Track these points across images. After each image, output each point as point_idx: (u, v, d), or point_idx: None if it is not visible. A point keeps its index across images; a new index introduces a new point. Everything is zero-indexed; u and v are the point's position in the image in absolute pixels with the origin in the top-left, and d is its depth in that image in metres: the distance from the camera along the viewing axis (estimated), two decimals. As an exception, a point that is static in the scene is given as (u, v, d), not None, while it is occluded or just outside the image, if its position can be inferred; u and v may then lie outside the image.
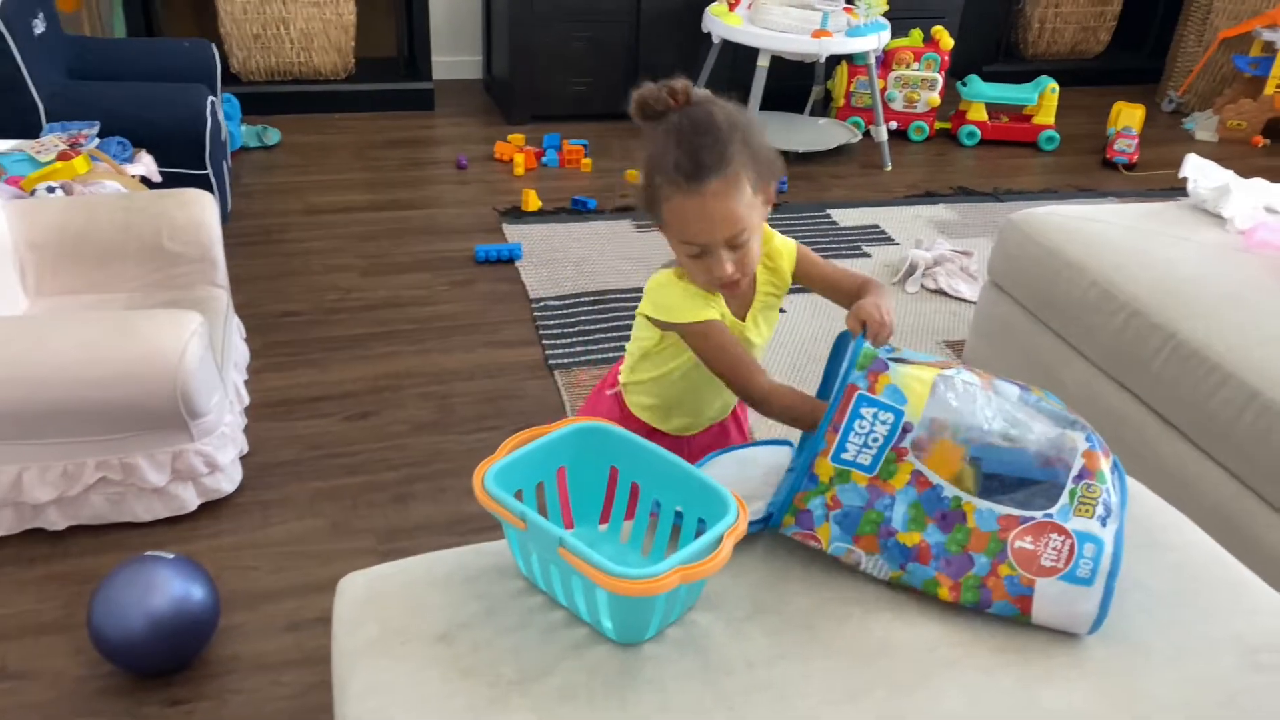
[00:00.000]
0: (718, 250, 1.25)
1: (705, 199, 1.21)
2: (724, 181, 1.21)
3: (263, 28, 3.82)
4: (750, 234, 1.26)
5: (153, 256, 2.15)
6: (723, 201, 1.22)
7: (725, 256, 1.25)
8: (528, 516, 1.03)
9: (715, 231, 1.24)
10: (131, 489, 1.90)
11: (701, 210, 1.22)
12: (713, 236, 1.24)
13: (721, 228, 1.23)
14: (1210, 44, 4.53)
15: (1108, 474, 1.11)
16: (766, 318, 1.42)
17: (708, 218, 1.23)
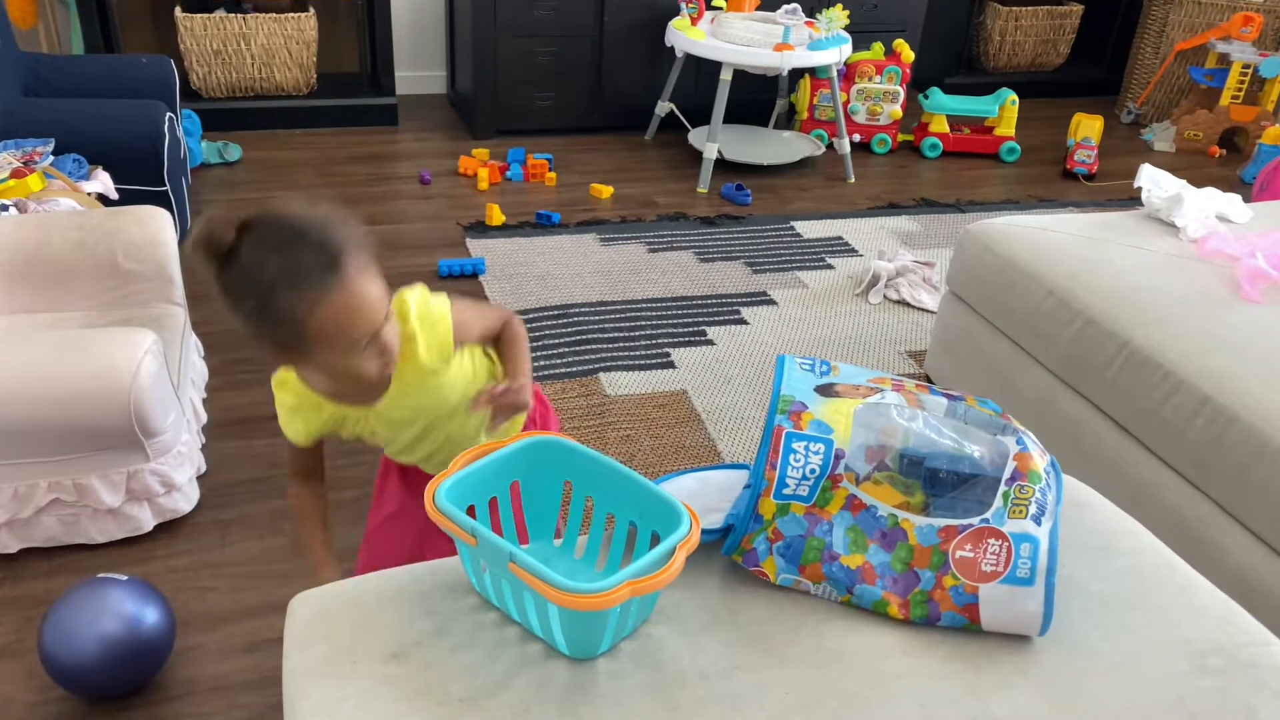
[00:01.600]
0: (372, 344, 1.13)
1: (355, 283, 1.08)
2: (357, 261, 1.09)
3: (223, 44, 3.80)
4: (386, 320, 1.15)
5: (108, 275, 2.13)
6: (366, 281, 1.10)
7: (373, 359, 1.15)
8: (478, 532, 1.02)
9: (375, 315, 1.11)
10: (85, 510, 1.87)
11: (358, 297, 1.09)
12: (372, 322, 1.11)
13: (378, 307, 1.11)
14: (1166, 56, 4.61)
15: (1042, 473, 1.12)
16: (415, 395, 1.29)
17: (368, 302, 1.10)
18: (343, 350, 1.13)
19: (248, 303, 1.09)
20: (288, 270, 1.06)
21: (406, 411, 1.32)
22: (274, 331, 1.11)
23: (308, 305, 1.07)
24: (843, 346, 2.76)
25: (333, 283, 1.07)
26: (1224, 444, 1.66)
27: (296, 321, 1.08)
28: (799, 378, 1.18)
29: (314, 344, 1.11)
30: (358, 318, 1.10)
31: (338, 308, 1.08)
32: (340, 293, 1.08)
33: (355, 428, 1.33)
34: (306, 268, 1.06)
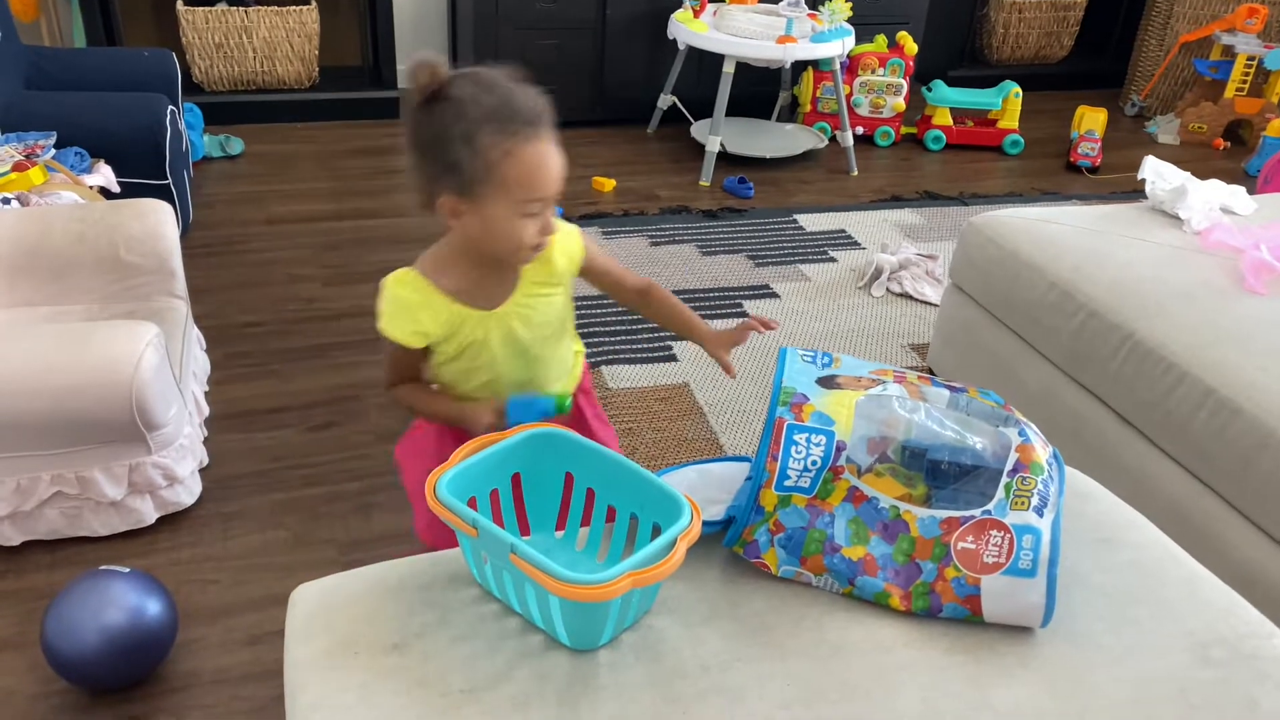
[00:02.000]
0: (550, 207, 1.21)
1: (548, 144, 1.17)
2: (551, 128, 1.18)
3: (225, 37, 3.79)
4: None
5: (110, 268, 2.12)
6: (556, 148, 1.19)
7: (551, 214, 1.23)
8: (479, 523, 1.02)
9: (556, 180, 1.19)
10: (88, 503, 1.87)
11: (549, 156, 1.17)
12: (558, 185, 1.20)
13: (561, 175, 1.20)
14: (1171, 48, 4.59)
15: (1044, 464, 1.12)
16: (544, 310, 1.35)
17: (555, 164, 1.19)
18: (519, 202, 1.18)
19: (454, 130, 1.15)
20: (501, 110, 1.14)
21: (519, 325, 1.33)
22: (470, 163, 1.15)
23: (510, 144, 1.14)
24: (845, 339, 2.76)
25: (536, 133, 1.15)
26: (1227, 436, 1.65)
27: (495, 158, 1.14)
28: (800, 370, 1.18)
29: (499, 186, 1.16)
30: (545, 174, 1.17)
31: (534, 156, 1.15)
32: (540, 144, 1.15)
33: (469, 335, 1.31)
34: (518, 111, 1.14)
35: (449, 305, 1.29)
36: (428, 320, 1.29)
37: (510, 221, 1.20)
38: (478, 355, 1.34)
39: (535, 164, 1.17)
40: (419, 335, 1.30)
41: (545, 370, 1.41)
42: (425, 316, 1.29)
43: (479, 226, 1.22)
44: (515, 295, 1.32)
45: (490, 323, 1.31)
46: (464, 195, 1.19)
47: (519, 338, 1.34)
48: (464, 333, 1.31)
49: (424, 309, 1.29)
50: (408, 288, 1.29)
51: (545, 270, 1.33)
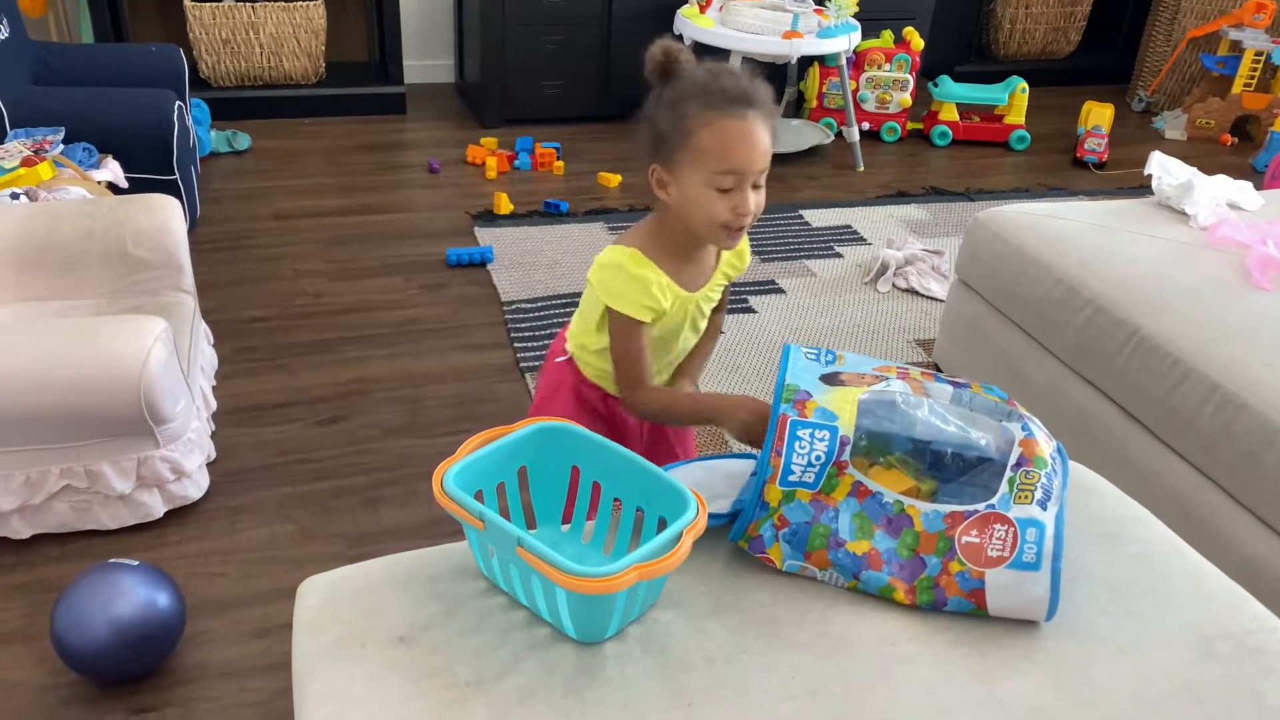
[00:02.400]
0: (747, 185, 1.26)
1: (751, 123, 1.23)
2: (763, 114, 1.25)
3: (232, 33, 3.80)
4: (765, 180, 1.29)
5: (118, 262, 2.13)
6: (764, 131, 1.25)
7: (751, 194, 1.27)
8: (486, 516, 1.03)
9: (756, 158, 1.25)
10: (97, 496, 1.88)
11: (747, 134, 1.23)
12: (753, 163, 1.25)
13: (761, 156, 1.25)
14: (1178, 44, 4.58)
15: (1048, 459, 1.13)
16: (716, 296, 1.45)
17: (753, 143, 1.24)
18: (712, 174, 1.24)
19: (667, 96, 1.27)
20: (710, 85, 1.24)
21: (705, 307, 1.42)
22: (674, 131, 1.25)
23: (710, 116, 1.23)
24: (851, 335, 2.76)
25: (739, 111, 1.23)
26: (1233, 431, 1.65)
27: (695, 128, 1.24)
28: (804, 367, 1.18)
29: (695, 155, 1.24)
30: (739, 149, 1.23)
31: (731, 129, 1.23)
32: (739, 120, 1.23)
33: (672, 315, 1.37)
34: (725, 89, 1.24)
35: (671, 285, 1.36)
36: (661, 297, 1.34)
37: (703, 192, 1.26)
38: (669, 333, 1.40)
39: (730, 137, 1.23)
40: (654, 312, 1.34)
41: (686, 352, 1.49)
42: (659, 294, 1.34)
43: (679, 197, 1.29)
44: (710, 282, 1.41)
45: (690, 305, 1.39)
46: (667, 164, 1.28)
47: (698, 324, 1.43)
48: (673, 312, 1.38)
49: (658, 287, 1.34)
50: (639, 265, 1.33)
51: (738, 263, 1.43)
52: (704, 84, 1.25)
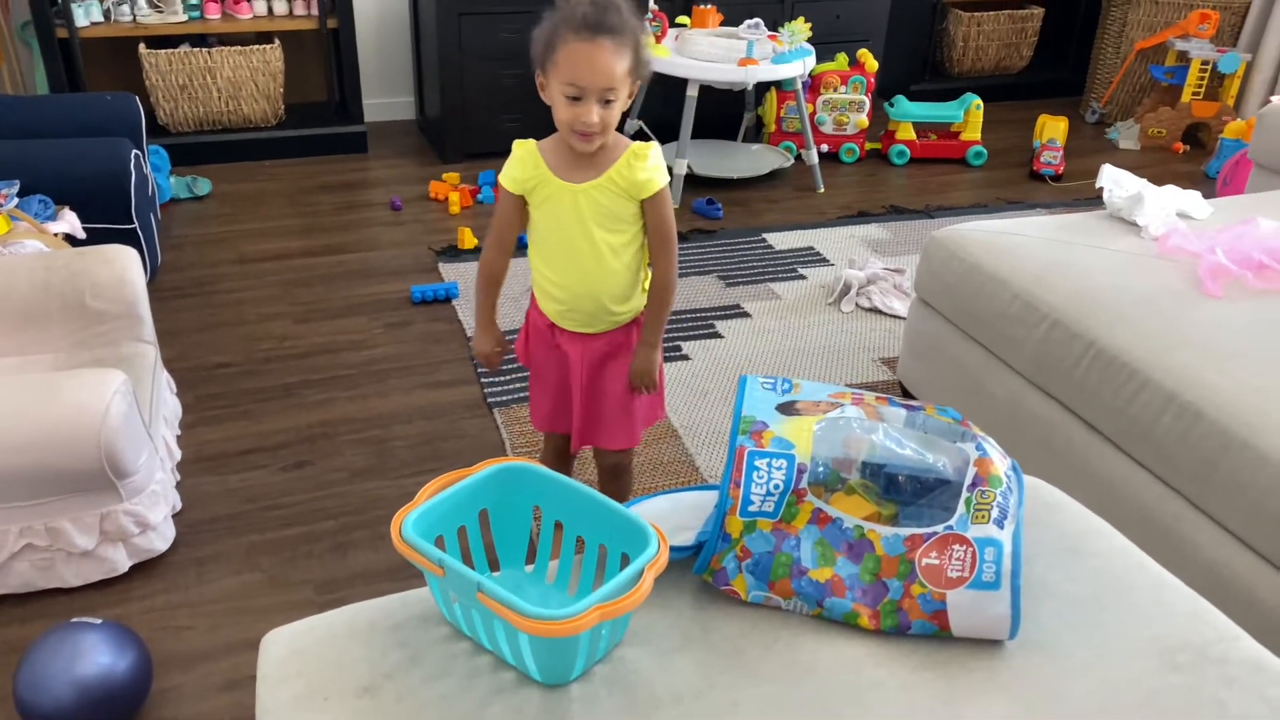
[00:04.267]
0: (591, 99, 1.51)
1: (597, 48, 1.49)
2: (615, 42, 1.50)
3: (189, 78, 3.79)
4: (616, 98, 1.54)
5: (76, 315, 2.12)
6: (609, 56, 1.50)
7: (594, 108, 1.52)
8: (445, 563, 1.02)
9: (596, 78, 1.50)
10: (59, 554, 1.86)
11: (592, 56, 1.49)
12: (593, 81, 1.50)
13: (602, 77, 1.50)
14: (1127, 56, 4.66)
15: (1002, 477, 1.14)
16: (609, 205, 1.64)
17: (595, 64, 1.50)
18: (563, 84, 1.52)
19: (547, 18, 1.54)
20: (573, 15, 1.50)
21: (587, 203, 1.63)
22: (545, 44, 1.54)
23: (568, 37, 1.50)
24: (817, 356, 2.78)
25: (590, 37, 1.49)
26: (1190, 440, 1.67)
27: (556, 45, 1.51)
28: (760, 397, 1.19)
29: (554, 67, 1.52)
30: (582, 67, 1.50)
31: (579, 51, 1.50)
32: (587, 45, 1.49)
33: (548, 194, 1.64)
34: (584, 18, 1.49)
35: (541, 165, 1.64)
36: (523, 171, 1.65)
37: (559, 99, 1.54)
38: (556, 214, 1.65)
39: (576, 57, 1.50)
40: (514, 180, 1.65)
41: (606, 279, 1.69)
42: (522, 167, 1.65)
43: (549, 101, 1.57)
44: (595, 182, 1.63)
45: (565, 193, 1.63)
46: (543, 72, 1.57)
47: (584, 214, 1.63)
48: (545, 193, 1.64)
49: (524, 162, 1.65)
50: (521, 146, 1.66)
51: (626, 178, 1.63)
52: (569, 10, 1.51)
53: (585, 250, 1.66)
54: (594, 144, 1.58)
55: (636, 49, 1.54)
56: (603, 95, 1.52)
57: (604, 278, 1.68)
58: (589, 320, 1.72)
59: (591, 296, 1.69)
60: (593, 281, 1.68)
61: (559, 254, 1.68)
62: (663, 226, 1.68)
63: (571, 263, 1.67)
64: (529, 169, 1.64)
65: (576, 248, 1.66)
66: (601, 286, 1.69)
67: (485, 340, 1.80)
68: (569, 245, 1.66)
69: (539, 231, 1.69)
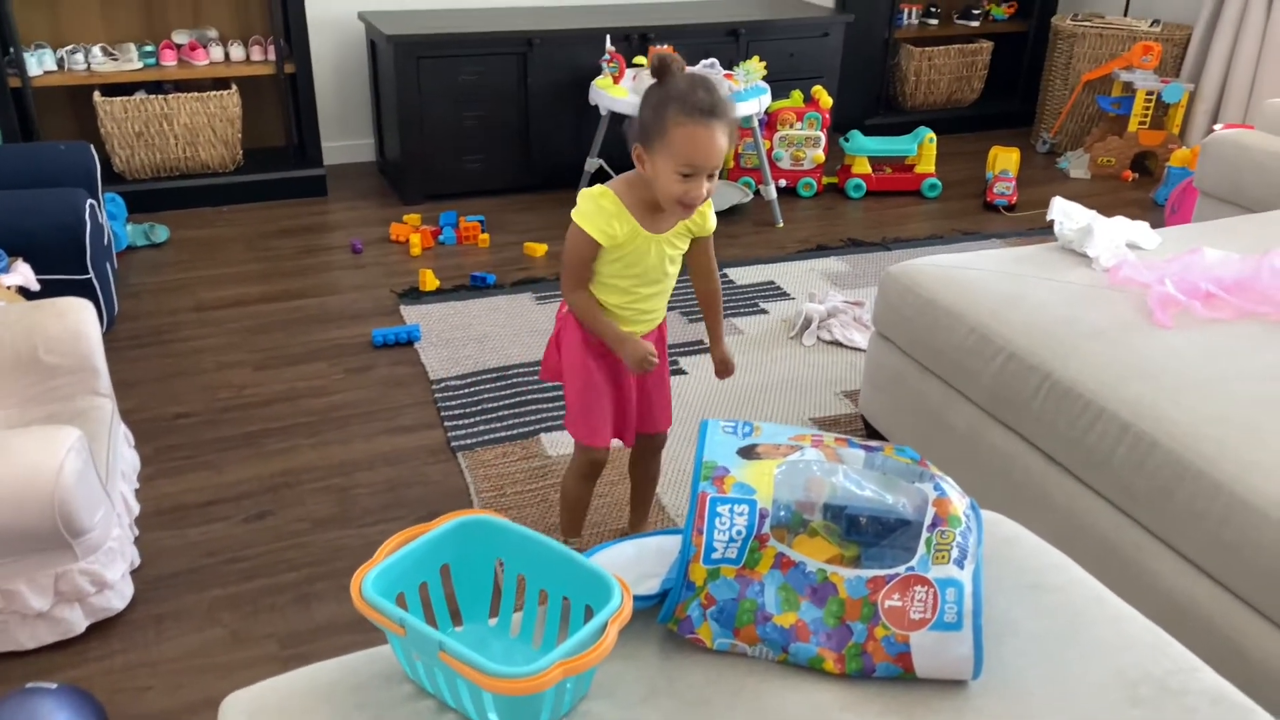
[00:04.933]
0: (702, 175, 1.62)
1: (714, 131, 1.60)
2: (725, 125, 1.62)
3: (145, 125, 3.77)
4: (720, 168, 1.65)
5: (29, 370, 2.08)
6: (722, 138, 1.61)
7: (704, 183, 1.63)
8: (406, 622, 1.01)
9: (712, 158, 1.61)
10: (13, 616, 1.82)
11: (708, 138, 1.60)
12: (708, 162, 1.61)
13: (715, 157, 1.61)
14: (1075, 87, 4.77)
15: (961, 516, 1.15)
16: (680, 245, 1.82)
17: (711, 146, 1.60)
18: (677, 164, 1.61)
19: (656, 96, 1.63)
20: (688, 96, 1.60)
21: (669, 249, 1.78)
22: (655, 125, 1.61)
23: (682, 120, 1.59)
24: (780, 391, 2.79)
25: (704, 121, 1.59)
26: (1146, 469, 1.70)
27: (669, 127, 1.60)
28: (721, 441, 1.20)
29: (666, 147, 1.60)
30: (698, 150, 1.59)
31: (695, 134, 1.59)
32: (702, 128, 1.59)
33: (638, 245, 1.74)
34: (698, 101, 1.59)
35: (631, 221, 1.73)
36: (617, 227, 1.72)
37: (669, 175, 1.62)
38: (639, 260, 1.77)
39: (693, 140, 1.59)
40: (608, 236, 1.72)
41: (664, 294, 1.87)
42: (616, 223, 1.72)
43: (651, 173, 1.66)
44: (671, 231, 1.78)
45: (650, 242, 1.76)
46: (646, 147, 1.65)
47: (666, 256, 1.79)
48: (635, 243, 1.75)
49: (616, 218, 1.72)
50: (607, 199, 1.72)
51: (699, 225, 1.81)
52: (684, 92, 1.60)
53: (660, 279, 1.83)
54: (693, 213, 1.72)
55: (735, 125, 1.68)
56: (711, 172, 1.64)
57: (666, 291, 1.87)
58: (647, 326, 1.89)
59: (657, 309, 1.88)
60: (660, 299, 1.87)
61: (636, 287, 1.80)
62: (712, 253, 1.91)
63: (647, 291, 1.82)
64: (625, 225, 1.72)
65: (654, 279, 1.81)
66: (664, 300, 1.89)
67: (638, 344, 1.80)
68: (646, 278, 1.80)
69: (616, 269, 1.78)
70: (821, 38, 4.37)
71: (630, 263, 1.77)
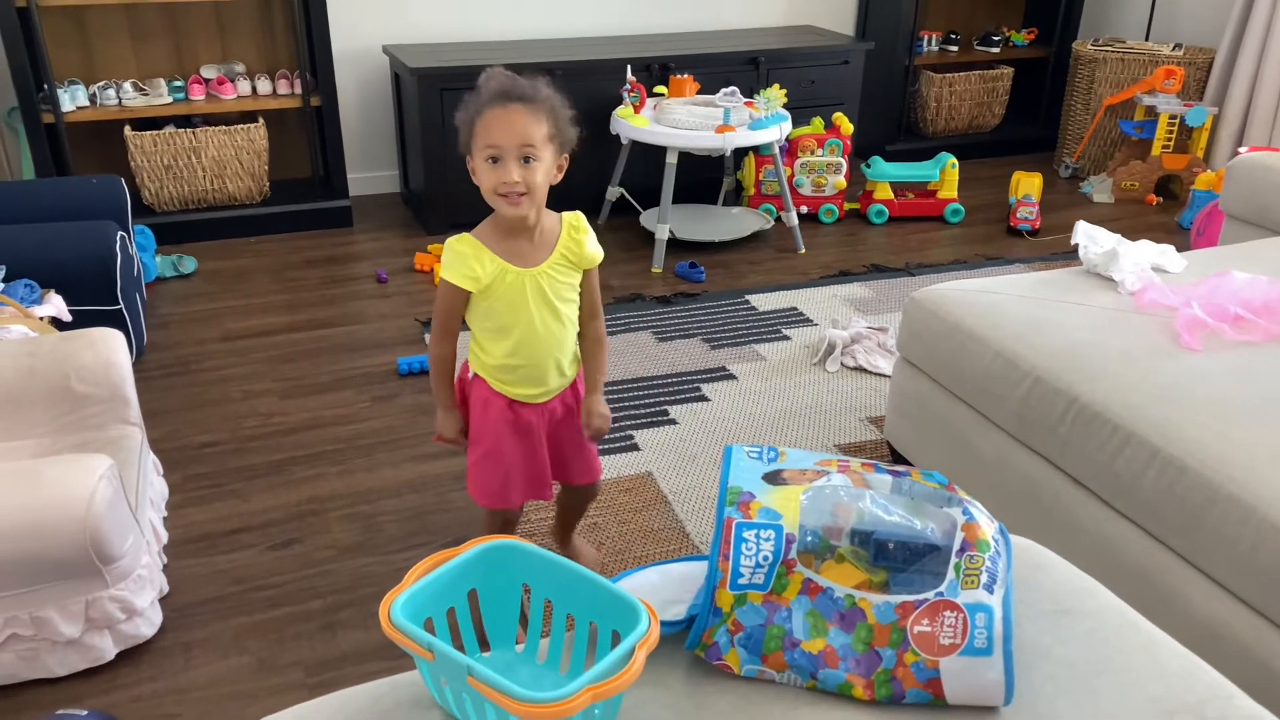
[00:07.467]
0: (509, 159, 1.58)
1: (509, 111, 1.58)
2: (528, 107, 1.58)
3: (174, 158, 3.84)
4: (538, 156, 1.60)
5: (61, 400, 2.11)
6: (523, 118, 1.57)
7: (514, 167, 1.58)
8: (435, 647, 1.02)
9: (512, 136, 1.57)
10: (44, 643, 1.83)
11: (504, 118, 1.57)
12: (508, 139, 1.57)
13: (517, 135, 1.57)
14: (1097, 111, 4.77)
15: (990, 541, 1.14)
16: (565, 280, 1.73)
17: (510, 124, 1.57)
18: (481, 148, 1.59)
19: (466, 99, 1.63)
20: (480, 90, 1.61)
21: (548, 285, 1.69)
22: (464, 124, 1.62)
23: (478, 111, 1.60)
24: (804, 417, 2.79)
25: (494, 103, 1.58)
26: (1176, 493, 1.68)
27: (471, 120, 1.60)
28: (746, 467, 1.20)
29: (475, 139, 1.60)
30: (493, 128, 1.57)
31: (487, 118, 1.58)
32: (493, 110, 1.58)
33: (509, 285, 1.67)
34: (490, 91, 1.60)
35: (495, 259, 1.67)
36: (479, 267, 1.65)
37: (482, 167, 1.60)
38: (516, 307, 1.69)
39: (490, 121, 1.58)
40: (470, 279, 1.66)
41: (562, 349, 1.77)
42: (477, 265, 1.65)
43: (477, 179, 1.62)
44: (548, 261, 1.70)
45: (525, 279, 1.68)
46: (468, 154, 1.63)
47: (548, 295, 1.70)
48: (506, 282, 1.67)
49: (475, 259, 1.66)
50: (464, 244, 1.67)
51: (576, 253, 1.72)
52: (479, 87, 1.61)
53: (552, 325, 1.73)
54: (522, 208, 1.62)
55: (554, 117, 1.62)
56: (520, 153, 1.58)
57: (564, 344, 1.77)
58: (550, 388, 1.80)
59: (554, 365, 1.77)
60: (555, 351, 1.76)
61: (522, 334, 1.71)
62: (597, 290, 1.81)
63: (535, 340, 1.73)
64: (487, 265, 1.66)
65: (542, 325, 1.72)
66: (561, 353, 1.78)
67: (453, 424, 1.82)
68: (531, 325, 1.71)
69: (496, 318, 1.71)
70: (842, 65, 4.40)
71: (506, 310, 1.69)
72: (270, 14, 4.12)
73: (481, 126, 1.59)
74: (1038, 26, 5.31)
